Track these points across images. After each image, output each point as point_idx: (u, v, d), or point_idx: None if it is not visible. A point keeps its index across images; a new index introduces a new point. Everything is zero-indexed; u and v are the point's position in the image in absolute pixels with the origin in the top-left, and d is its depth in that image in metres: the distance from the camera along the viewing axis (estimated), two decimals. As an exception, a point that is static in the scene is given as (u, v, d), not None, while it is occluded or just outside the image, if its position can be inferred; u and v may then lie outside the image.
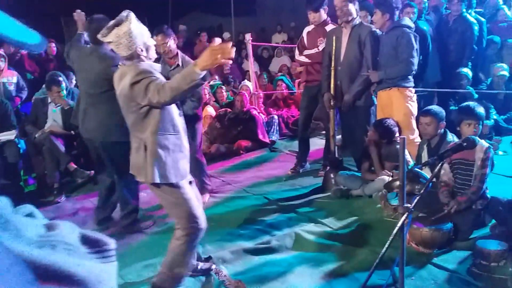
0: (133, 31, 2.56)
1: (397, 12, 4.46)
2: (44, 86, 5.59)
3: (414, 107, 4.45)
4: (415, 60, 4.33)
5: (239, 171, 5.73)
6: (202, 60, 2.34)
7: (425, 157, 3.90)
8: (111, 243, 0.76)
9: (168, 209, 2.82)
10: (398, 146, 4.14)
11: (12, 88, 6.23)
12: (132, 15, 2.58)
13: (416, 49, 4.33)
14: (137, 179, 2.77)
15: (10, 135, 5.35)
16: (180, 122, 2.72)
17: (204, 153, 5.16)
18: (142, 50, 2.61)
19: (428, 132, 3.81)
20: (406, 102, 4.40)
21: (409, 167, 3.86)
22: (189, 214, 2.68)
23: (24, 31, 0.64)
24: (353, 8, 4.49)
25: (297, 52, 5.24)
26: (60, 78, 5.41)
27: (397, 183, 3.70)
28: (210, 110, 6.99)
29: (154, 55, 2.73)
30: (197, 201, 2.79)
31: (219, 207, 4.46)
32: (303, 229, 3.70)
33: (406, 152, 3.81)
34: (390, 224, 3.63)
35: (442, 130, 3.83)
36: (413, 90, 4.49)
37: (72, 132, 5.38)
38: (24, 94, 6.20)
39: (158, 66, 2.70)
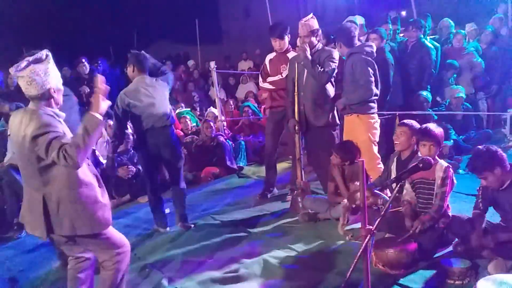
0: (50, 71, 2.54)
1: (355, 40, 4.58)
2: (2, 118, 5.44)
3: (375, 134, 4.53)
4: (373, 85, 4.44)
5: (207, 198, 5.68)
6: (96, 107, 2.48)
7: (393, 170, 3.95)
8: None
9: (93, 250, 2.79)
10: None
11: (-30, 121, 6.04)
12: (51, 56, 2.57)
13: (373, 74, 4.45)
14: (29, 231, 2.68)
15: (-32, 169, 5.16)
16: (89, 172, 2.64)
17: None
18: (54, 92, 2.57)
19: (400, 141, 3.88)
20: (366, 129, 4.47)
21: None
22: (112, 246, 2.71)
23: None
24: (314, 39, 4.63)
25: (260, 79, 5.31)
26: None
27: (359, 194, 3.75)
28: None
29: (60, 101, 2.66)
30: (116, 233, 2.78)
31: (187, 235, 4.37)
32: (272, 255, 3.67)
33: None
34: (357, 246, 3.64)
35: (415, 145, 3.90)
36: (375, 116, 4.58)
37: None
38: (-17, 127, 6.01)
39: (63, 115, 2.63)
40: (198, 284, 3.33)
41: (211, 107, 8.15)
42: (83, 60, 7.16)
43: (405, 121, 4.01)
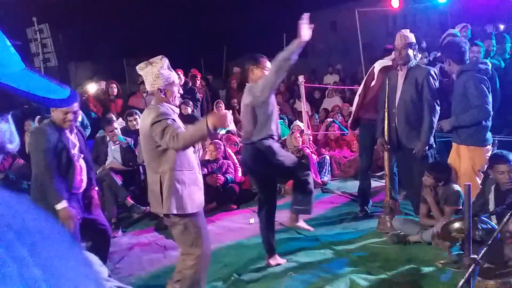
0: (160, 73, 2.90)
1: (466, 55, 4.29)
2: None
3: (481, 164, 4.13)
4: (489, 105, 4.08)
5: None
6: (215, 121, 2.67)
7: (491, 200, 3.68)
8: None
9: (179, 237, 3.01)
10: (456, 188, 4.01)
11: (76, 125, 6.61)
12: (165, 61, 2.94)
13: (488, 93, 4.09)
14: (152, 210, 3.10)
15: (74, 170, 5.64)
16: (194, 158, 3.03)
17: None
18: (161, 91, 2.92)
19: (505, 180, 3.58)
20: (471, 157, 4.14)
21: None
22: (197, 241, 2.94)
23: (49, 87, 0.63)
24: (411, 52, 4.47)
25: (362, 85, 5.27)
26: (112, 119, 5.72)
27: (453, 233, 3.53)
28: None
29: (176, 100, 3.01)
30: (205, 230, 3.10)
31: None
32: (359, 276, 3.58)
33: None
34: (452, 273, 3.45)
35: None
36: (488, 148, 4.18)
37: (131, 167, 5.61)
38: (87, 132, 6.54)
39: (177, 110, 3.05)
40: (283, 298, 3.35)
41: (297, 120, 8.19)
42: (179, 73, 7.51)
43: (501, 155, 3.66)
